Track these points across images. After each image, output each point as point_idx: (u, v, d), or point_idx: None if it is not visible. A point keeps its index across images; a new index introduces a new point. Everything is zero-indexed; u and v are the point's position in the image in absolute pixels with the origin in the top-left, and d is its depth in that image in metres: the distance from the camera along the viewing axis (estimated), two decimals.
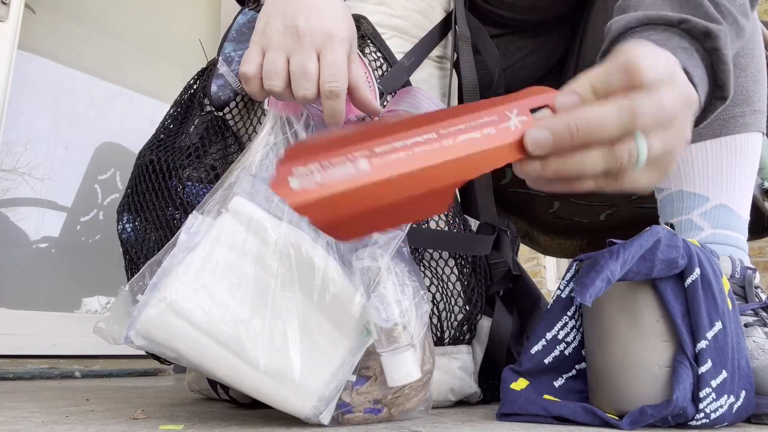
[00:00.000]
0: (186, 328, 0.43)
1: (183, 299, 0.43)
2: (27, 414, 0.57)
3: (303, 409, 0.45)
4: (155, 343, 0.44)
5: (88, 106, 1.71)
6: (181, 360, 0.45)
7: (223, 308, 0.44)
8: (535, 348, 0.56)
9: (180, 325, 0.43)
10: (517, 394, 0.55)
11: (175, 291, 0.44)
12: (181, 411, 0.60)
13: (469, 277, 0.67)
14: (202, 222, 0.47)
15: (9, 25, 1.43)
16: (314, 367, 0.46)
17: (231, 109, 0.66)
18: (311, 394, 0.45)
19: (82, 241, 1.65)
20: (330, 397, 0.46)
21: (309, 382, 0.45)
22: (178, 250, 0.46)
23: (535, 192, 1.09)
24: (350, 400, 0.49)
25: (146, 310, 0.43)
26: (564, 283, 0.57)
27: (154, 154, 0.61)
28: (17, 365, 1.36)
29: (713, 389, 0.48)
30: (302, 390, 0.45)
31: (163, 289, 0.44)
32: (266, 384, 0.44)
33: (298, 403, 0.45)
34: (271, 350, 0.44)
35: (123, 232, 0.63)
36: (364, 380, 0.49)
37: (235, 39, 0.64)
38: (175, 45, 1.94)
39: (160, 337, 0.43)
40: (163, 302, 0.43)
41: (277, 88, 0.52)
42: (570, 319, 0.57)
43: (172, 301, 0.43)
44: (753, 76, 0.67)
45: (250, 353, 0.44)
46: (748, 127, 0.67)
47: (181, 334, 0.43)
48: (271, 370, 0.44)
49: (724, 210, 0.66)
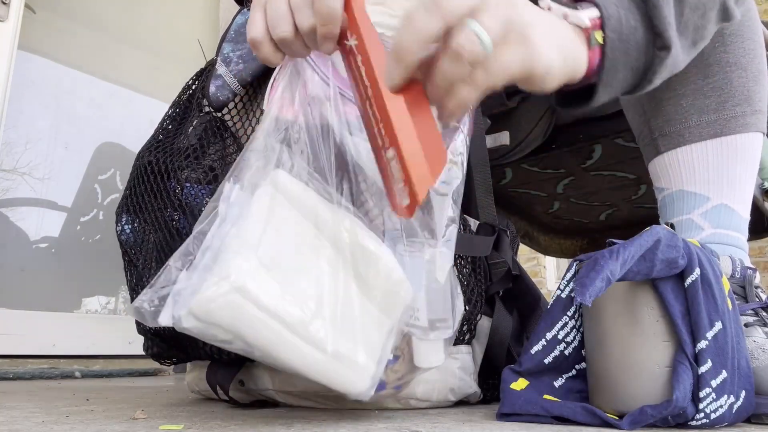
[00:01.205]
0: (252, 310, 0.40)
1: (248, 279, 0.40)
2: (27, 414, 0.57)
3: (360, 388, 0.45)
4: (213, 325, 0.40)
5: (88, 106, 1.71)
6: (236, 342, 0.42)
7: (287, 290, 0.42)
8: (535, 348, 0.56)
9: (246, 306, 0.40)
10: (517, 394, 0.55)
11: (237, 269, 0.40)
12: (181, 411, 0.60)
13: (468, 277, 0.67)
14: (239, 194, 0.44)
15: (9, 25, 1.43)
16: (369, 347, 0.46)
17: (230, 110, 0.66)
18: (369, 374, 0.45)
19: (82, 241, 1.65)
20: (379, 374, 0.46)
21: (368, 363, 0.45)
22: (222, 223, 0.43)
23: (535, 192, 1.09)
24: (385, 377, 0.50)
25: (206, 290, 0.40)
26: (564, 283, 0.57)
27: (152, 156, 0.61)
28: (17, 365, 1.36)
29: (713, 389, 0.48)
30: (363, 371, 0.45)
31: (223, 267, 0.40)
32: (332, 367, 0.43)
33: (359, 383, 0.45)
34: (335, 333, 0.43)
35: (122, 234, 0.63)
36: (395, 359, 0.50)
37: (234, 39, 0.64)
38: (175, 45, 1.94)
39: (222, 319, 0.40)
40: (226, 281, 0.40)
41: (285, 33, 0.49)
42: (570, 319, 0.57)
43: (236, 280, 0.40)
44: (754, 76, 0.67)
45: (317, 336, 0.42)
46: (749, 127, 0.67)
47: (245, 316, 0.40)
48: (338, 353, 0.43)
49: (724, 210, 0.66)
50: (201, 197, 0.57)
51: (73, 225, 1.63)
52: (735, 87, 0.67)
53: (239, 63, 0.63)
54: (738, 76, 0.67)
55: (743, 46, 0.67)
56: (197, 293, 0.40)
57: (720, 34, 0.66)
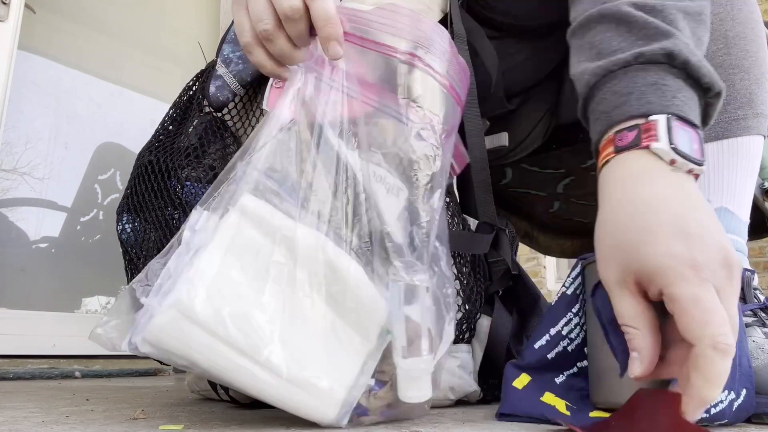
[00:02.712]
0: (201, 336, 0.40)
1: (197, 304, 0.40)
2: (27, 414, 0.57)
3: (327, 416, 0.43)
4: (165, 351, 0.41)
5: (88, 106, 1.71)
6: (194, 368, 0.42)
7: (240, 314, 0.42)
8: (539, 342, 0.56)
9: (195, 332, 0.40)
10: (519, 394, 0.55)
11: (187, 295, 0.40)
12: (181, 411, 0.60)
13: (468, 276, 0.67)
14: (207, 219, 0.44)
15: (9, 25, 1.43)
16: (338, 372, 0.44)
17: (230, 110, 0.66)
18: (336, 401, 0.43)
19: (82, 241, 1.65)
20: (352, 401, 0.44)
21: (334, 388, 0.43)
22: (183, 249, 0.43)
23: (535, 192, 1.09)
24: (367, 404, 0.47)
25: (156, 317, 0.40)
26: (570, 281, 0.57)
27: (153, 155, 0.61)
28: (17, 365, 1.36)
29: None
30: (328, 397, 0.43)
31: (174, 294, 0.41)
32: (290, 392, 0.42)
33: (323, 410, 0.43)
34: (293, 356, 0.42)
35: (122, 233, 0.63)
36: (380, 384, 0.48)
37: (233, 40, 0.64)
38: (175, 45, 1.94)
39: (172, 345, 0.40)
40: (175, 307, 0.40)
41: (267, 26, 0.49)
42: (574, 316, 0.57)
43: (185, 306, 0.40)
44: (756, 79, 0.67)
45: (272, 360, 0.41)
46: (750, 130, 0.67)
47: (195, 341, 0.40)
48: (295, 378, 0.42)
49: (724, 213, 0.66)
50: (201, 196, 0.57)
51: (73, 225, 1.63)
52: (737, 89, 0.67)
53: (239, 63, 0.63)
54: (740, 78, 0.67)
55: (746, 48, 0.67)
56: (151, 319, 0.40)
57: (723, 36, 0.66)
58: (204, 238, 0.43)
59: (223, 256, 0.43)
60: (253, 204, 0.44)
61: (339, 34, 0.50)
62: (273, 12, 0.50)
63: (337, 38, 0.50)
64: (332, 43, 0.49)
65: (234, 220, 0.44)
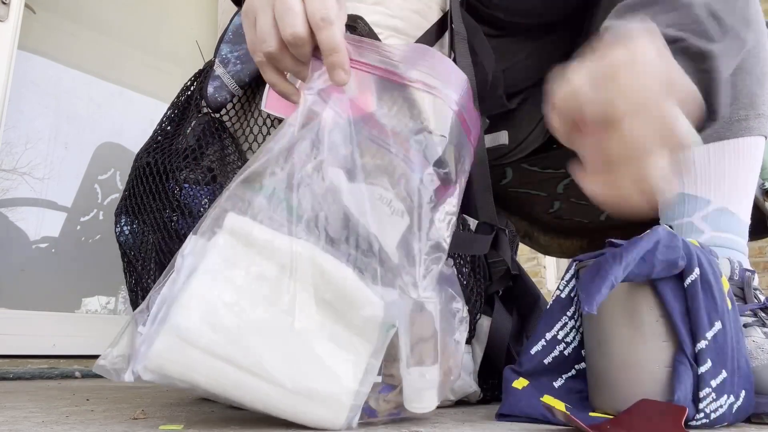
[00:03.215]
0: (202, 357, 0.41)
1: (193, 327, 0.41)
2: (27, 414, 0.57)
3: (338, 422, 0.43)
4: (168, 377, 0.41)
5: (88, 106, 1.71)
6: (198, 390, 0.42)
7: (238, 331, 0.42)
8: (535, 348, 0.56)
9: (194, 354, 0.40)
10: (519, 394, 0.55)
11: (183, 319, 0.41)
12: (181, 411, 0.60)
13: (468, 277, 0.67)
14: (195, 243, 0.45)
15: (9, 25, 1.43)
16: (342, 377, 0.44)
17: (228, 111, 0.66)
18: (344, 406, 0.44)
19: (82, 241, 1.65)
20: (359, 403, 0.45)
21: (341, 394, 0.44)
22: (176, 275, 0.44)
23: (535, 192, 1.09)
24: (376, 406, 0.47)
25: (155, 344, 0.40)
26: (564, 284, 0.57)
27: (151, 157, 0.61)
28: (17, 365, 1.36)
29: (713, 389, 0.48)
30: (335, 403, 0.43)
31: (170, 319, 0.41)
32: (297, 403, 0.43)
33: (332, 417, 0.43)
34: (295, 368, 0.43)
35: (121, 235, 0.63)
36: (390, 388, 0.48)
37: (232, 40, 0.64)
38: (174, 45, 1.94)
39: (173, 370, 0.41)
40: (173, 333, 0.40)
41: (270, 48, 0.49)
42: (570, 320, 0.57)
43: (182, 330, 0.40)
44: (758, 79, 0.67)
45: (275, 374, 0.42)
46: (752, 131, 0.67)
47: (196, 364, 0.41)
48: (300, 388, 0.42)
49: (725, 213, 0.66)
50: (199, 198, 0.57)
51: (73, 225, 1.63)
52: (739, 90, 0.66)
53: (237, 64, 0.63)
54: (742, 79, 0.66)
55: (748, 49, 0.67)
56: (150, 347, 0.41)
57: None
58: (194, 261, 0.44)
59: (215, 277, 0.43)
60: (238, 222, 0.45)
61: (345, 62, 0.49)
62: (277, 33, 0.49)
63: (343, 66, 0.49)
64: (338, 71, 0.49)
65: (221, 240, 0.44)
